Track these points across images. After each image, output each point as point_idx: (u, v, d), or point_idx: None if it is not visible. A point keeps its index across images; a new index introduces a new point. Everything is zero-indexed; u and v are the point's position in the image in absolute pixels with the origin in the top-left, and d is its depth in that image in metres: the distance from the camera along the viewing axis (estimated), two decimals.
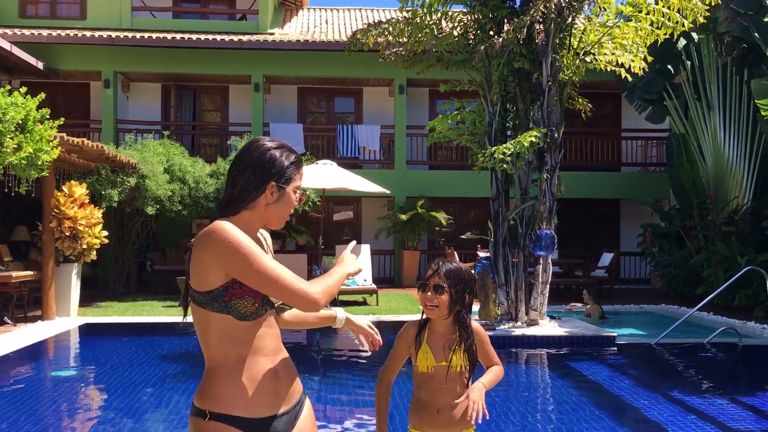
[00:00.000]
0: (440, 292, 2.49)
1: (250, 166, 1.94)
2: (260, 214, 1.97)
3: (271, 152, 1.96)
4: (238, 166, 1.97)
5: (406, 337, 2.59)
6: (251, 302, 1.88)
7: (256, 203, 1.95)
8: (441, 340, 2.53)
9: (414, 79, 15.50)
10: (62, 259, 10.44)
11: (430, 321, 2.59)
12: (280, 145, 2.01)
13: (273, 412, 1.93)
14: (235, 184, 1.95)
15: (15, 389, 6.31)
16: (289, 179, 1.98)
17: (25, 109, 8.37)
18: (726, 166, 13.14)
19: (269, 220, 2.00)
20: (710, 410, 5.56)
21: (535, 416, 5.57)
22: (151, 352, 8.04)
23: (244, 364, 1.90)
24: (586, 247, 16.63)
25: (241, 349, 1.90)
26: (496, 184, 9.50)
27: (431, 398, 2.48)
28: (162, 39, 15.75)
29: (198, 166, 13.54)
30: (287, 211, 2.02)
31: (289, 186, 1.99)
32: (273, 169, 1.95)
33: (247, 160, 1.95)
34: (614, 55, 9.21)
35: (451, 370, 2.48)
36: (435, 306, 2.50)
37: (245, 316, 1.88)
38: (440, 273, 2.50)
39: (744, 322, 10.00)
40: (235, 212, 1.95)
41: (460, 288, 2.50)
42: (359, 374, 7.17)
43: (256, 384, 1.90)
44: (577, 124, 15.40)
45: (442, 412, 2.47)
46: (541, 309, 9.12)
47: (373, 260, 15.25)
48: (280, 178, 1.96)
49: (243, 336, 1.90)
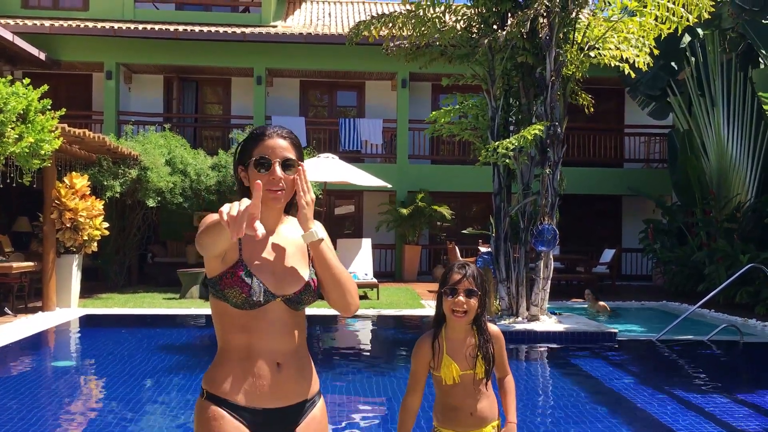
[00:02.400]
0: (471, 296, 2.41)
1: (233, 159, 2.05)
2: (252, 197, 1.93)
3: (241, 142, 2.02)
4: None
5: (423, 353, 2.48)
6: (238, 292, 1.87)
7: (246, 190, 1.98)
8: (461, 347, 2.45)
9: (416, 73, 15.45)
10: (63, 250, 10.44)
11: (445, 329, 2.50)
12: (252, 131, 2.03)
13: (265, 404, 1.90)
14: None
15: (15, 380, 6.31)
16: (246, 155, 1.97)
17: (26, 99, 8.35)
18: (729, 162, 13.11)
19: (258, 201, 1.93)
20: (711, 407, 5.55)
21: (535, 412, 5.56)
22: (152, 344, 8.04)
23: (241, 352, 1.90)
24: (587, 243, 16.60)
25: (238, 336, 1.91)
26: (498, 179, 9.47)
27: (462, 403, 2.44)
28: (164, 31, 15.71)
29: (199, 158, 13.52)
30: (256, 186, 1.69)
31: (251, 163, 1.95)
32: (237, 154, 2.02)
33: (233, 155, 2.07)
34: (619, 50, 9.17)
35: (477, 377, 2.45)
36: (464, 312, 2.41)
37: (238, 305, 1.89)
38: (469, 277, 2.42)
39: (745, 320, 9.99)
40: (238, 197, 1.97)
41: (484, 291, 2.45)
42: (360, 368, 7.16)
43: (250, 373, 1.89)
44: (579, 120, 15.35)
45: (475, 414, 2.46)
46: (542, 304, 9.10)
47: (374, 254, 15.24)
48: (242, 159, 2.00)
49: (242, 323, 1.91)
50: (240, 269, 1.89)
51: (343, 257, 12.62)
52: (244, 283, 1.87)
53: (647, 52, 9.10)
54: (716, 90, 13.10)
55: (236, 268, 1.89)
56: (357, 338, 9.42)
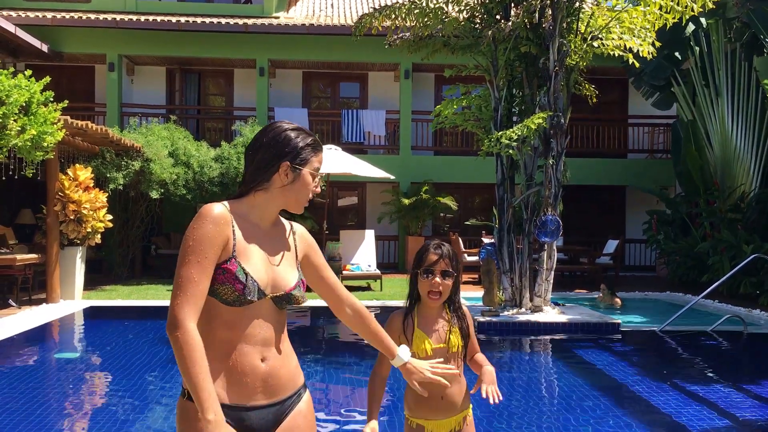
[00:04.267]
0: (448, 277, 2.42)
1: (264, 145, 1.94)
2: (276, 197, 1.95)
3: (286, 132, 1.95)
4: (253, 146, 1.96)
5: (394, 327, 2.47)
6: (231, 289, 1.84)
7: (271, 184, 1.94)
8: (432, 323, 2.45)
9: (419, 64, 15.40)
10: (67, 242, 10.46)
11: (418, 306, 2.50)
12: (297, 127, 1.98)
13: (250, 401, 1.88)
14: (248, 164, 1.95)
15: (19, 371, 6.33)
16: (304, 160, 1.95)
17: (29, 91, 8.34)
18: (733, 152, 13.05)
19: (287, 204, 1.98)
20: (714, 398, 5.55)
21: (538, 402, 5.56)
22: (155, 335, 8.06)
23: (229, 349, 1.87)
24: (591, 234, 16.58)
25: (224, 332, 1.87)
26: (501, 169, 9.45)
27: (433, 385, 2.34)
28: (167, 22, 15.67)
29: (202, 150, 13.51)
30: (305, 194, 1.97)
31: (305, 168, 1.95)
32: (286, 148, 1.93)
33: (261, 140, 1.95)
34: (622, 40, 9.12)
35: (450, 350, 2.42)
36: (439, 292, 2.42)
37: (228, 302, 1.86)
38: (445, 257, 2.43)
39: (749, 310, 9.97)
40: (245, 193, 1.95)
41: (459, 270, 2.47)
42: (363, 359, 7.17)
43: (235, 370, 1.86)
44: (583, 110, 15.29)
45: (446, 398, 2.42)
46: (545, 295, 9.10)
47: (378, 246, 15.24)
48: (295, 158, 1.94)
49: (229, 319, 1.87)
50: (233, 266, 1.86)
51: (346, 249, 12.62)
52: (238, 281, 1.85)
53: (650, 42, 9.05)
54: (720, 80, 13.03)
55: (229, 264, 1.85)
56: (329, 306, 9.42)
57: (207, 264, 1.81)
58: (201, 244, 1.81)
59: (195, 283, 1.78)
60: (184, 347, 1.71)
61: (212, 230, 1.83)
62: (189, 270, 1.79)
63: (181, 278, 1.78)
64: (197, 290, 1.78)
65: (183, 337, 1.72)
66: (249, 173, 1.94)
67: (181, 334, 1.72)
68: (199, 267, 1.79)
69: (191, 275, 1.78)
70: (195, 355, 1.71)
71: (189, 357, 1.70)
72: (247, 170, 1.95)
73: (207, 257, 1.81)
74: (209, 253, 1.81)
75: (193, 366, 1.70)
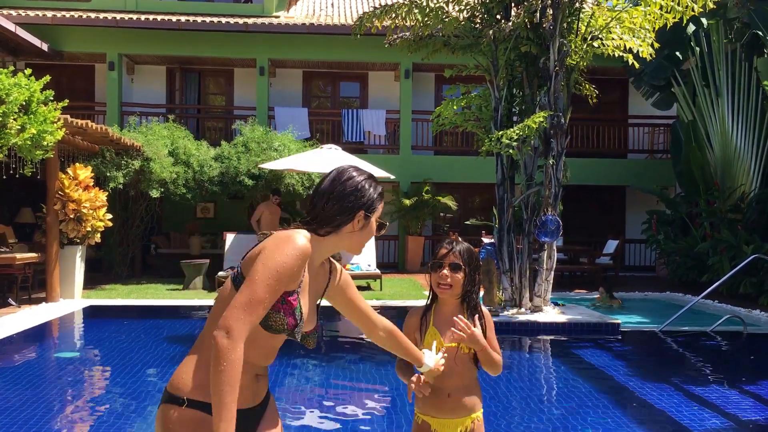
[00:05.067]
0: (456, 270, 2.46)
1: (344, 195, 2.03)
2: (343, 240, 2.06)
3: (363, 184, 2.07)
4: (331, 191, 2.04)
5: (410, 323, 2.55)
6: (283, 321, 1.90)
7: (342, 229, 2.04)
8: (449, 321, 2.47)
9: (420, 63, 15.38)
10: (66, 241, 10.45)
11: (436, 303, 2.55)
12: (369, 176, 2.11)
13: (246, 405, 1.95)
14: (325, 207, 2.02)
15: (19, 370, 6.33)
16: (374, 210, 2.10)
17: (29, 90, 8.34)
18: (733, 152, 13.05)
19: (351, 246, 2.10)
20: (714, 398, 5.55)
21: (538, 402, 5.56)
22: (155, 335, 8.06)
23: None
24: (591, 234, 16.57)
25: (246, 348, 1.87)
26: (501, 169, 9.45)
27: (441, 383, 2.43)
28: (167, 21, 15.66)
29: (203, 149, 13.51)
30: (367, 239, 2.13)
31: (373, 216, 2.10)
32: (363, 199, 2.06)
33: (341, 189, 2.04)
34: (622, 40, 9.12)
35: (461, 351, 2.45)
36: (449, 285, 2.47)
37: (269, 327, 1.91)
38: (455, 252, 2.48)
39: (749, 311, 9.97)
40: (319, 229, 2.02)
41: (473, 267, 2.49)
42: (363, 359, 7.17)
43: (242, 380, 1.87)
44: (583, 111, 15.28)
45: (453, 396, 2.45)
46: (545, 295, 9.10)
47: (378, 245, 15.23)
48: (369, 209, 2.07)
49: (256, 338, 1.91)
50: (295, 302, 1.92)
51: None
52: (293, 317, 1.92)
53: (649, 43, 9.05)
54: (721, 80, 13.03)
55: (291, 299, 1.91)
56: (360, 330, 9.42)
57: (279, 294, 1.86)
58: (285, 275, 1.85)
59: (264, 308, 1.82)
60: (229, 365, 1.72)
61: (299, 265, 1.88)
62: (266, 294, 1.81)
63: (257, 296, 1.80)
64: (261, 315, 1.83)
65: (233, 355, 1.73)
66: (327, 216, 2.01)
67: (232, 351, 1.73)
68: (274, 294, 1.84)
69: (265, 300, 1.81)
70: (235, 377, 1.73)
71: (230, 376, 1.72)
72: (323, 212, 2.02)
73: (282, 288, 1.86)
74: (286, 285, 1.87)
75: (230, 386, 1.72)
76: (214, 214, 16.63)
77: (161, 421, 1.88)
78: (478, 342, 2.40)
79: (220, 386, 1.71)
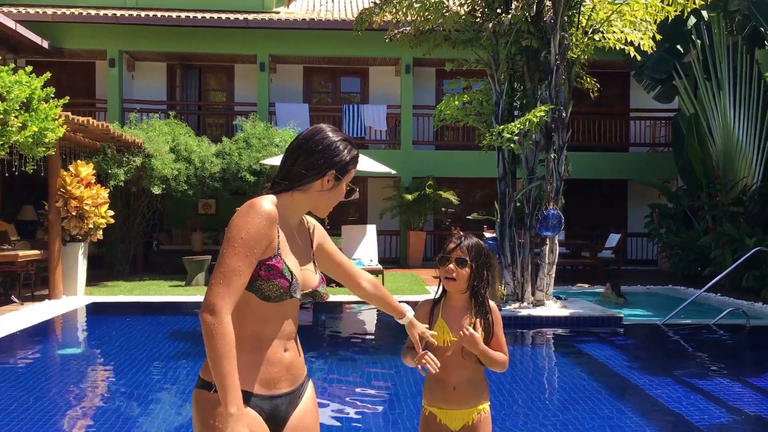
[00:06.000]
0: (462, 265, 2.50)
1: (316, 151, 2.00)
2: (310, 199, 2.04)
3: (337, 144, 2.03)
4: (303, 148, 2.01)
5: (420, 315, 2.59)
6: (276, 286, 1.90)
7: (311, 186, 2.01)
8: (457, 315, 2.53)
9: (420, 58, 15.33)
10: (69, 238, 10.46)
11: (446, 297, 2.59)
12: (346, 138, 2.08)
13: (276, 390, 1.96)
14: (295, 164, 2.00)
15: (22, 367, 6.34)
16: (346, 172, 2.06)
17: (29, 87, 8.34)
18: (735, 145, 13.03)
19: (317, 207, 2.08)
20: (716, 390, 5.55)
21: (541, 395, 5.57)
22: (158, 331, 8.07)
23: (258, 341, 1.93)
24: (593, 228, 16.56)
25: (258, 326, 1.93)
26: (502, 164, 9.44)
27: (447, 375, 2.48)
28: (167, 18, 15.64)
29: (204, 145, 13.50)
30: (335, 201, 2.09)
31: (344, 179, 2.07)
32: (336, 158, 2.02)
33: (313, 146, 2.01)
34: (623, 33, 9.10)
35: None
36: (454, 279, 2.50)
37: (268, 298, 1.91)
38: (462, 246, 2.51)
39: (752, 303, 9.96)
40: (288, 189, 2.00)
41: (480, 263, 2.52)
42: (365, 354, 7.18)
43: (266, 362, 1.93)
44: (584, 104, 15.26)
45: (458, 389, 2.49)
46: (547, 290, 9.10)
47: (379, 241, 15.23)
48: (340, 169, 2.03)
49: (263, 314, 1.93)
50: (279, 263, 1.92)
51: (348, 244, 12.61)
52: (284, 278, 1.91)
53: (650, 36, 9.02)
54: (722, 72, 13.00)
55: (275, 261, 1.91)
56: (362, 324, 9.45)
57: (253, 259, 1.85)
58: (252, 239, 1.85)
59: (239, 276, 1.82)
60: (218, 338, 1.74)
61: (264, 227, 1.87)
62: (237, 262, 1.82)
63: (227, 267, 1.81)
64: (239, 283, 1.82)
65: (218, 327, 1.75)
66: (296, 173, 1.99)
67: (217, 324, 1.75)
68: (246, 261, 1.84)
69: (238, 267, 1.82)
70: (226, 348, 1.74)
71: (221, 348, 1.74)
72: (292, 169, 2.00)
73: (254, 253, 1.85)
74: (257, 248, 1.86)
75: (223, 358, 1.74)
76: (215, 211, 16.65)
77: (195, 403, 1.94)
78: (477, 346, 2.43)
79: (217, 361, 1.73)
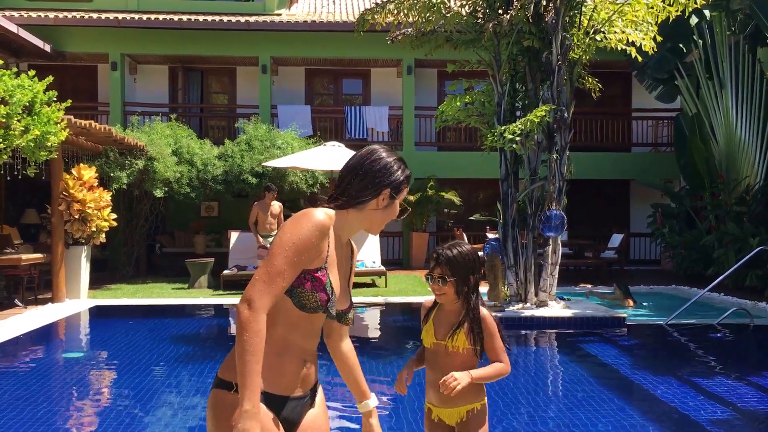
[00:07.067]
0: (444, 282, 2.57)
1: (372, 171, 2.07)
2: (364, 217, 2.10)
3: (392, 164, 2.11)
4: (359, 167, 2.08)
5: (421, 315, 2.71)
6: (315, 298, 1.94)
7: (366, 205, 2.07)
8: (447, 319, 2.62)
9: (422, 59, 15.36)
10: (72, 241, 10.48)
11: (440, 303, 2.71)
12: (399, 158, 2.14)
13: (291, 393, 2.00)
14: (352, 183, 2.06)
15: (26, 371, 6.35)
16: (400, 191, 2.13)
17: (32, 91, 8.35)
18: (738, 145, 13.01)
19: (371, 225, 2.14)
20: (721, 390, 5.54)
21: (544, 396, 5.56)
22: (161, 334, 8.08)
23: (285, 346, 1.97)
24: (595, 228, 16.55)
25: (286, 332, 1.97)
26: (505, 164, 9.43)
27: (436, 376, 2.55)
28: (168, 20, 15.67)
29: (206, 148, 13.52)
30: (388, 219, 2.17)
31: (398, 197, 2.13)
32: (391, 177, 2.09)
33: (371, 165, 2.08)
34: (625, 33, 9.09)
35: (449, 348, 2.56)
36: (442, 294, 2.60)
37: (303, 307, 1.95)
38: (441, 264, 2.58)
39: (755, 303, 9.94)
40: (345, 206, 2.06)
41: (462, 274, 2.57)
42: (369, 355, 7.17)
43: (288, 365, 1.97)
44: (587, 104, 15.25)
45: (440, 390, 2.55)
46: (550, 290, 9.08)
47: (382, 242, 15.24)
48: (395, 188, 2.10)
49: (296, 321, 1.97)
50: (324, 277, 1.96)
51: None
52: (325, 292, 1.96)
53: (652, 36, 9.01)
54: (724, 72, 12.98)
55: (320, 274, 1.95)
56: (365, 326, 9.44)
57: (299, 267, 1.90)
58: (303, 245, 1.89)
59: (283, 279, 1.86)
60: (251, 333, 1.78)
61: (317, 238, 1.92)
62: (284, 265, 1.86)
63: (274, 268, 1.85)
64: (281, 286, 1.87)
65: (255, 324, 1.79)
66: (355, 191, 2.05)
67: (253, 321, 1.79)
68: (293, 266, 1.88)
69: (284, 270, 1.86)
70: (257, 346, 1.78)
71: (251, 344, 1.78)
72: (349, 188, 2.06)
73: (302, 261, 1.89)
74: (305, 256, 1.90)
75: (252, 355, 1.77)
76: (218, 213, 16.66)
77: (212, 403, 1.96)
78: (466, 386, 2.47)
79: (244, 355, 1.77)
